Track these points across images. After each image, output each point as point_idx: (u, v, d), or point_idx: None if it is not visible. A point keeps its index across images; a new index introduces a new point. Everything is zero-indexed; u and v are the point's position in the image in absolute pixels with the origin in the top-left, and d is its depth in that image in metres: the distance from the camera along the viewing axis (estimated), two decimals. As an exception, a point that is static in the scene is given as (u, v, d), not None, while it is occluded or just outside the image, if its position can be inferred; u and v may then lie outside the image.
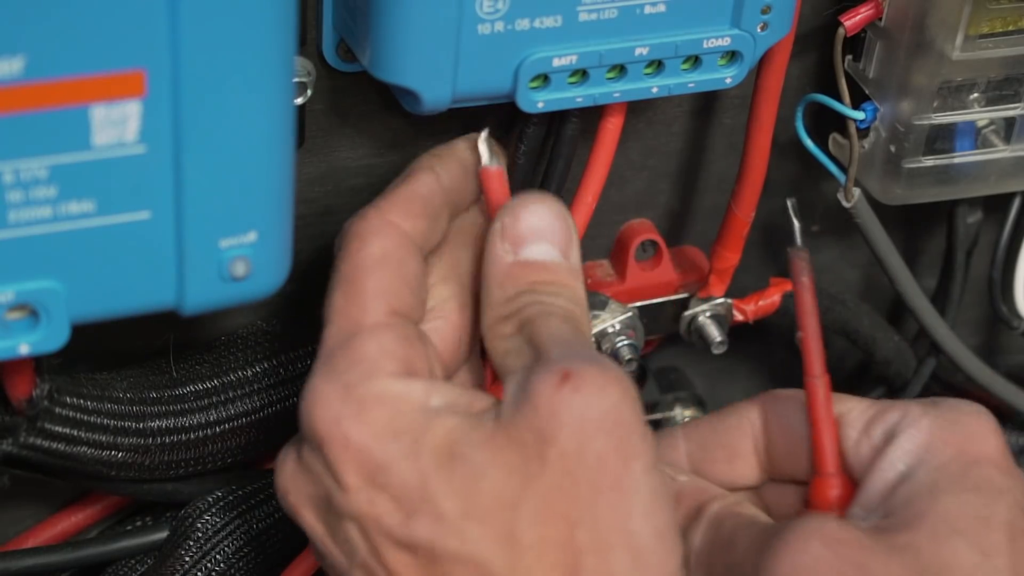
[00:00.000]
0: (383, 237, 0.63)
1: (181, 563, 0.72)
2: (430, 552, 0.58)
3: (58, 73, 0.53)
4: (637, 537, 0.58)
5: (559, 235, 0.63)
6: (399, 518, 0.58)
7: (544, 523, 0.58)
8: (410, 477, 0.58)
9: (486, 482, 0.58)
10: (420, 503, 0.58)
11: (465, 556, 0.58)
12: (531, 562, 0.57)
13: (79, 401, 0.68)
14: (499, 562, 0.57)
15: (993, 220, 0.84)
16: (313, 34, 0.67)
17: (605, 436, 0.58)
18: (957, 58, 0.73)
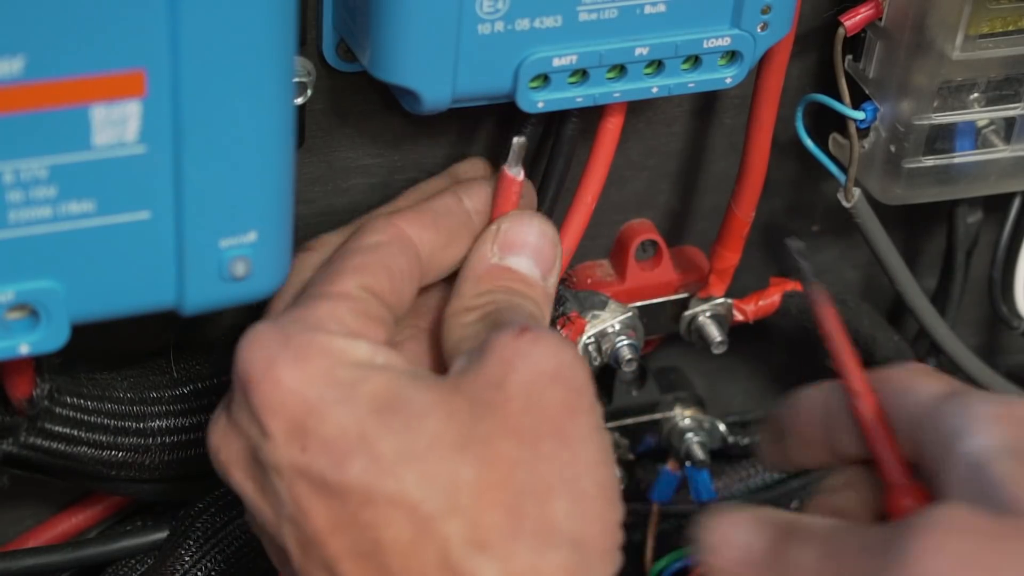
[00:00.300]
0: (381, 233, 0.63)
1: (181, 563, 0.72)
2: (364, 496, 0.57)
3: (58, 73, 0.53)
4: (579, 485, 0.58)
5: (545, 257, 0.66)
6: (329, 463, 0.57)
7: (485, 465, 0.57)
8: (345, 421, 0.57)
9: (427, 424, 0.57)
10: (354, 446, 0.57)
11: (399, 498, 0.57)
12: (468, 503, 0.57)
13: (79, 401, 0.68)
14: (434, 503, 0.57)
15: (993, 220, 0.84)
16: (313, 34, 0.67)
17: (556, 387, 0.59)
18: (957, 58, 0.73)
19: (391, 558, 0.57)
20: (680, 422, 0.85)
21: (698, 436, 0.84)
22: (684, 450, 0.84)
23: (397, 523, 0.57)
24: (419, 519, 0.57)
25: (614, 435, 0.85)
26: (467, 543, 0.56)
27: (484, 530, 0.57)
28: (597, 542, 0.58)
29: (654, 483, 0.86)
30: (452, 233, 0.66)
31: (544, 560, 0.57)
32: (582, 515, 0.58)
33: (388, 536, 0.57)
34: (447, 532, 0.56)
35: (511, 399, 0.58)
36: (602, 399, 0.84)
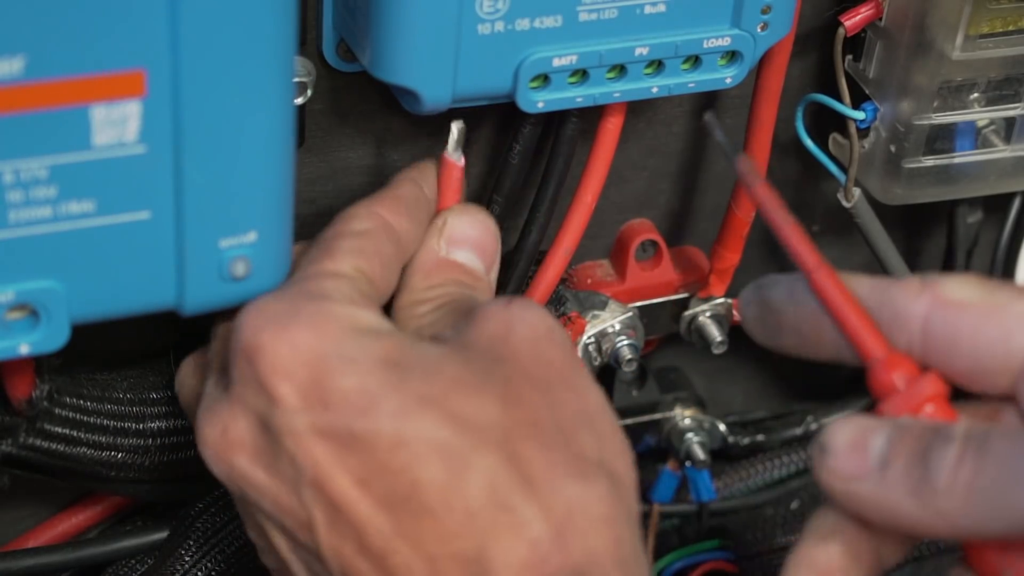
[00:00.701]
0: (367, 221, 0.63)
1: (181, 563, 0.72)
2: (394, 441, 0.55)
3: (58, 73, 0.53)
4: (597, 423, 0.58)
5: (488, 252, 0.66)
6: (354, 414, 0.56)
7: (509, 403, 0.57)
8: (364, 375, 0.56)
9: (445, 371, 0.57)
10: (377, 395, 0.56)
11: (431, 437, 0.56)
12: (500, 438, 0.56)
13: (79, 402, 0.68)
14: (465, 440, 0.56)
15: (993, 220, 0.84)
16: (313, 34, 0.67)
17: (554, 345, 0.59)
18: (957, 58, 0.73)
19: (431, 498, 0.55)
20: (680, 422, 0.85)
21: (698, 436, 0.84)
22: (684, 450, 0.84)
23: (430, 464, 0.55)
24: (452, 457, 0.55)
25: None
26: (511, 478, 0.55)
27: (524, 464, 0.56)
28: (627, 474, 0.58)
29: (654, 483, 0.86)
30: (420, 221, 0.66)
31: (588, 490, 0.56)
32: (608, 449, 0.58)
33: (423, 478, 0.55)
34: (486, 467, 0.55)
35: (518, 352, 0.58)
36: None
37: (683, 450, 0.84)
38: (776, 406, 0.92)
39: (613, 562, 0.55)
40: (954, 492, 0.52)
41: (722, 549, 0.87)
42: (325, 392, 0.56)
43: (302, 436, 0.56)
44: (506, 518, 0.55)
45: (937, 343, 0.55)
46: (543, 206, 0.71)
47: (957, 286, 0.55)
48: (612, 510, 0.56)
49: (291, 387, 0.56)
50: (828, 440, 0.55)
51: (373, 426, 0.56)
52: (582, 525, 0.55)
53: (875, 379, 0.57)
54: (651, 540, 0.86)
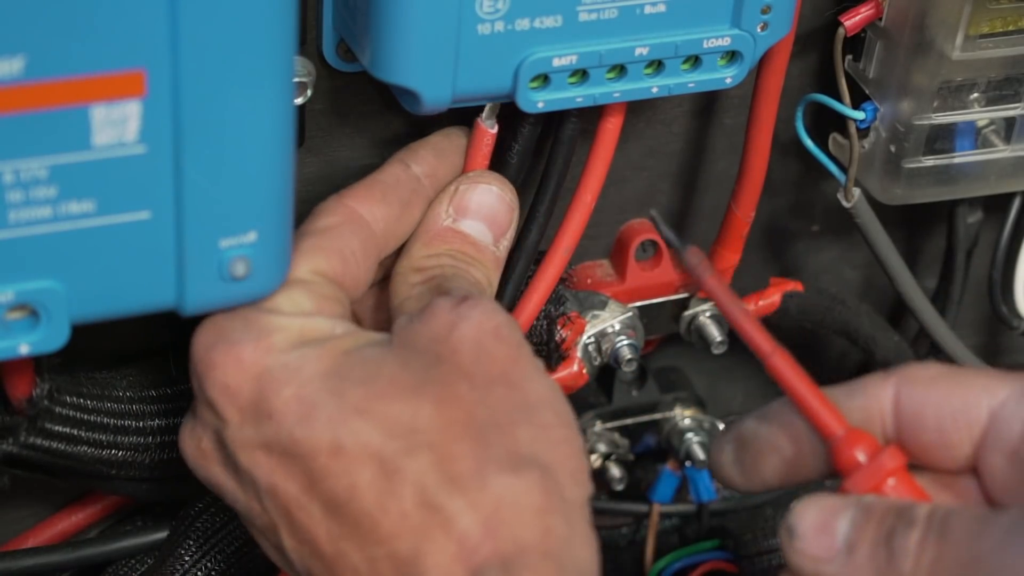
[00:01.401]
0: (332, 215, 0.64)
1: (181, 563, 0.72)
2: (330, 450, 0.57)
3: (58, 73, 0.53)
4: (537, 415, 0.59)
5: (500, 222, 0.67)
6: (290, 427, 0.58)
7: (444, 403, 0.58)
8: (301, 388, 0.58)
9: (382, 374, 0.58)
10: (312, 407, 0.58)
11: (362, 444, 0.57)
12: (432, 439, 0.57)
13: (79, 400, 0.68)
14: (397, 444, 0.57)
15: (993, 220, 0.84)
16: (313, 34, 0.67)
17: (499, 343, 0.60)
18: (957, 58, 0.73)
19: (366, 503, 0.57)
20: (680, 422, 0.85)
21: (698, 436, 0.85)
22: (684, 450, 0.84)
23: (365, 469, 0.57)
24: (385, 461, 0.57)
25: (614, 435, 0.85)
26: (439, 478, 0.57)
27: (453, 463, 0.57)
28: (565, 464, 0.59)
29: (654, 483, 0.86)
30: (404, 203, 0.66)
31: (517, 483, 0.57)
32: (545, 440, 0.58)
33: (360, 483, 0.57)
34: (416, 470, 0.57)
35: (458, 351, 0.59)
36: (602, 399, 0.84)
37: (683, 450, 0.84)
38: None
39: (540, 552, 0.56)
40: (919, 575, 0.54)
41: (722, 549, 0.87)
42: (268, 404, 0.59)
43: (250, 449, 0.59)
44: (436, 517, 0.56)
45: (906, 418, 0.59)
46: (543, 206, 0.71)
47: (922, 367, 0.59)
48: (543, 501, 0.57)
49: (235, 405, 0.59)
50: (795, 522, 0.57)
51: (311, 433, 0.58)
52: (509, 517, 0.56)
53: (837, 455, 0.59)
54: (651, 540, 0.86)
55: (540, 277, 0.72)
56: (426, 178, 0.68)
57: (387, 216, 0.66)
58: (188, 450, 0.62)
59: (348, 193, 0.66)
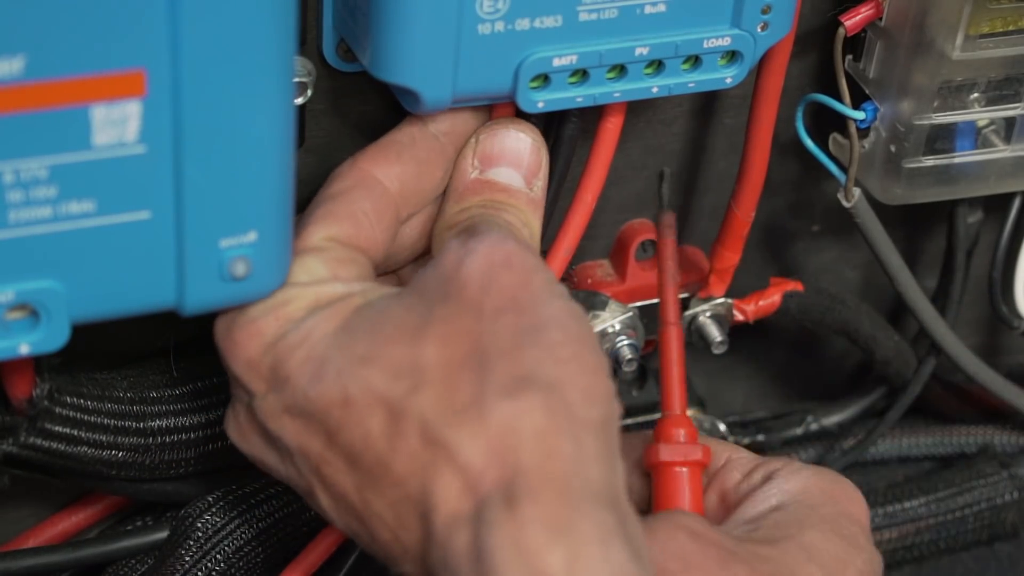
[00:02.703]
0: (346, 179, 0.65)
1: (181, 563, 0.72)
2: (341, 403, 0.58)
3: (58, 73, 0.53)
4: (545, 335, 0.58)
5: (528, 163, 0.67)
6: (303, 387, 0.59)
7: (448, 340, 0.58)
8: (311, 350, 0.59)
9: (387, 323, 0.59)
10: (321, 365, 0.59)
11: (369, 392, 0.58)
12: (435, 376, 0.57)
13: (79, 401, 0.68)
14: (400, 386, 0.57)
15: (993, 220, 0.84)
16: (313, 34, 0.67)
17: (510, 271, 0.59)
18: (957, 58, 0.73)
19: (377, 450, 0.58)
20: (680, 422, 0.85)
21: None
22: (684, 450, 0.84)
23: (373, 416, 0.58)
24: (391, 404, 0.58)
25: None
26: (442, 412, 0.57)
27: (454, 395, 0.57)
28: (576, 381, 0.58)
29: (654, 483, 0.86)
30: (421, 161, 0.66)
31: (518, 404, 0.56)
32: (553, 360, 0.58)
33: (371, 429, 0.58)
34: (419, 409, 0.57)
35: (466, 286, 0.59)
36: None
37: (683, 450, 0.84)
38: (776, 406, 0.92)
39: (542, 475, 0.55)
40: None
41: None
42: (284, 369, 0.60)
43: (276, 416, 0.60)
44: (440, 452, 0.57)
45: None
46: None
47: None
48: (545, 422, 0.56)
49: (260, 374, 0.61)
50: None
51: (322, 389, 0.59)
52: (510, 442, 0.56)
53: (659, 426, 0.71)
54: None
55: (540, 277, 0.72)
56: (444, 135, 0.67)
57: (402, 175, 0.66)
58: (231, 431, 0.64)
59: (361, 155, 0.66)
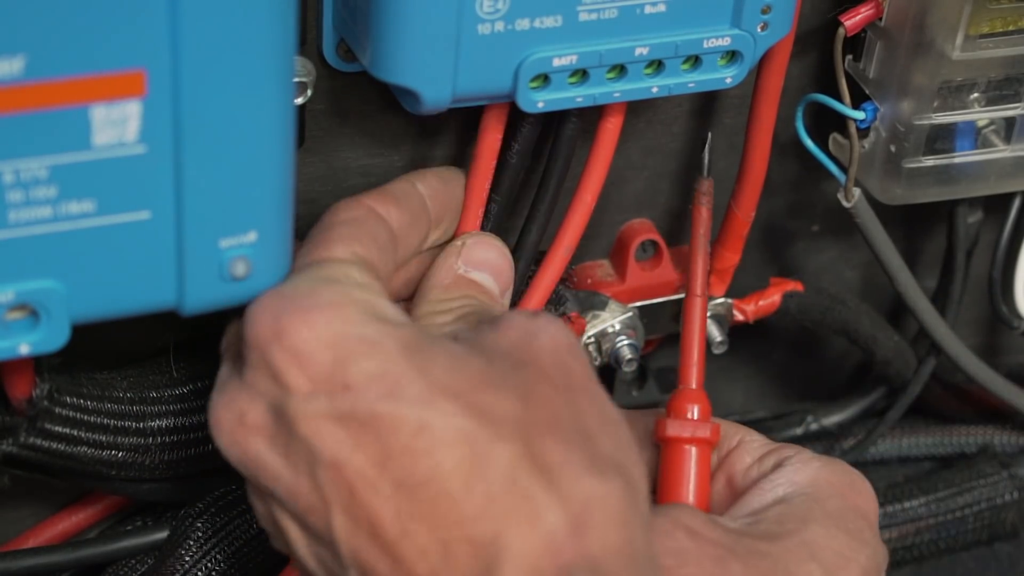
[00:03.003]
0: (355, 210, 0.64)
1: (181, 563, 0.72)
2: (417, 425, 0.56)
3: (58, 73, 0.53)
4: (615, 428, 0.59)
5: (504, 277, 0.69)
6: (377, 396, 0.56)
7: (531, 403, 0.57)
8: (387, 358, 0.57)
9: (470, 364, 0.58)
10: (402, 378, 0.57)
11: (454, 424, 0.56)
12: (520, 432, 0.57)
13: (79, 401, 0.68)
14: (488, 431, 0.56)
15: (993, 220, 0.84)
16: (313, 34, 0.67)
17: (576, 357, 0.60)
18: (957, 58, 0.73)
19: (451, 482, 0.56)
20: (680, 422, 0.85)
21: (698, 436, 0.84)
22: (684, 450, 0.84)
23: (453, 451, 0.56)
24: (476, 444, 0.56)
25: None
26: (531, 467, 0.56)
27: (544, 455, 0.56)
28: (640, 481, 0.59)
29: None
30: (413, 214, 0.67)
31: (606, 488, 0.57)
32: (624, 451, 0.59)
33: (445, 463, 0.56)
34: (507, 456, 0.56)
35: (540, 358, 0.59)
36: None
37: (683, 450, 0.84)
38: (776, 406, 0.92)
39: (625, 559, 0.56)
40: None
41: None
42: (348, 373, 0.57)
43: (317, 420, 0.57)
44: (524, 506, 0.55)
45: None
46: (543, 206, 0.71)
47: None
48: (628, 510, 0.57)
49: (308, 372, 0.57)
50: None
51: (396, 410, 0.56)
52: (599, 520, 0.56)
53: (675, 400, 0.72)
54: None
55: (541, 277, 0.72)
56: (430, 199, 0.68)
57: (400, 219, 0.66)
58: (224, 423, 0.59)
59: (363, 194, 0.65)
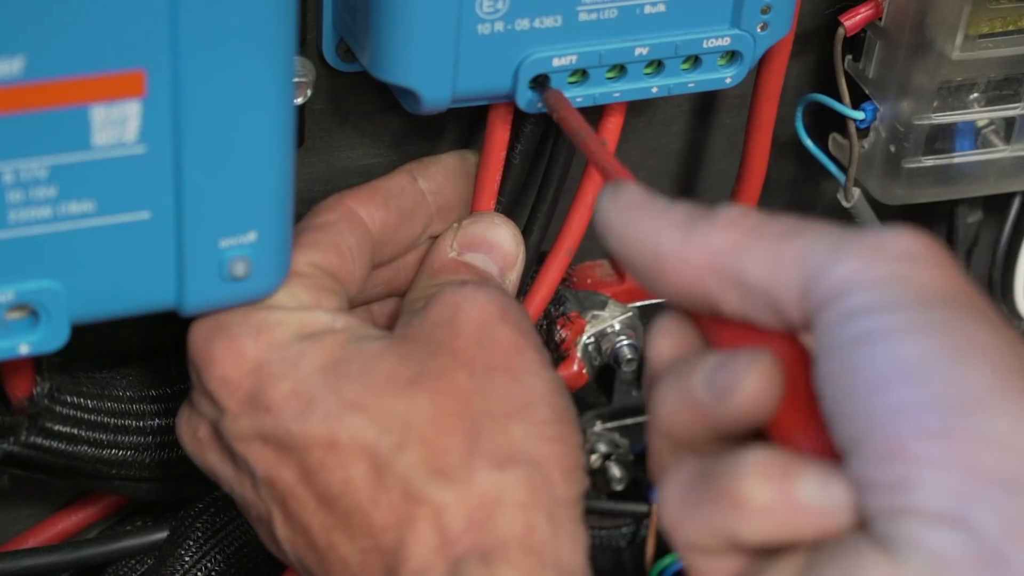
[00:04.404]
0: (331, 212, 0.65)
1: (181, 563, 0.72)
2: (327, 443, 0.58)
3: (58, 73, 0.53)
4: (534, 410, 0.59)
5: (505, 255, 0.68)
6: (289, 419, 0.59)
7: (440, 396, 0.59)
8: (300, 382, 0.59)
9: (380, 369, 0.59)
10: (311, 400, 0.59)
11: (357, 440, 0.58)
12: (425, 433, 0.58)
13: (80, 400, 0.68)
14: (389, 440, 0.58)
15: (993, 220, 0.84)
16: (313, 34, 0.67)
17: (504, 327, 0.60)
18: (957, 58, 0.73)
19: (357, 497, 0.58)
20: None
21: (698, 436, 0.84)
22: (684, 450, 0.84)
23: (358, 464, 0.58)
24: (377, 457, 0.58)
25: (614, 435, 0.85)
26: (427, 472, 0.58)
27: (443, 456, 0.58)
28: (557, 461, 0.59)
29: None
30: (404, 213, 0.67)
31: (504, 477, 0.58)
32: (539, 436, 0.59)
33: (352, 477, 0.58)
34: (406, 464, 0.58)
35: (460, 336, 0.60)
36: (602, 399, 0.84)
37: (683, 450, 0.84)
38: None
39: (521, 547, 0.57)
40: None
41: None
42: (266, 397, 0.59)
43: (247, 441, 0.60)
44: (423, 510, 0.57)
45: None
46: (544, 206, 0.71)
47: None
48: (528, 497, 0.58)
49: (236, 395, 0.60)
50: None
51: (309, 428, 0.59)
52: (494, 511, 0.57)
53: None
54: (651, 540, 0.86)
55: (542, 278, 0.72)
56: (431, 195, 0.68)
57: (385, 221, 0.66)
58: (185, 437, 0.64)
59: (349, 193, 0.66)
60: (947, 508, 0.44)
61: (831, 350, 0.47)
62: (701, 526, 0.49)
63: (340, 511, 0.59)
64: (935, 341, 0.46)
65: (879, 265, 0.47)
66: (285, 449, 0.59)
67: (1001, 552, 0.44)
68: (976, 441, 0.44)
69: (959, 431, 0.45)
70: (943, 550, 0.44)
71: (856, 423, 0.46)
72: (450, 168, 0.69)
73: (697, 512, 0.49)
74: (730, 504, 0.48)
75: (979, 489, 0.44)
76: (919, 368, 0.45)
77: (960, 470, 0.44)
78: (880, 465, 0.45)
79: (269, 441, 0.60)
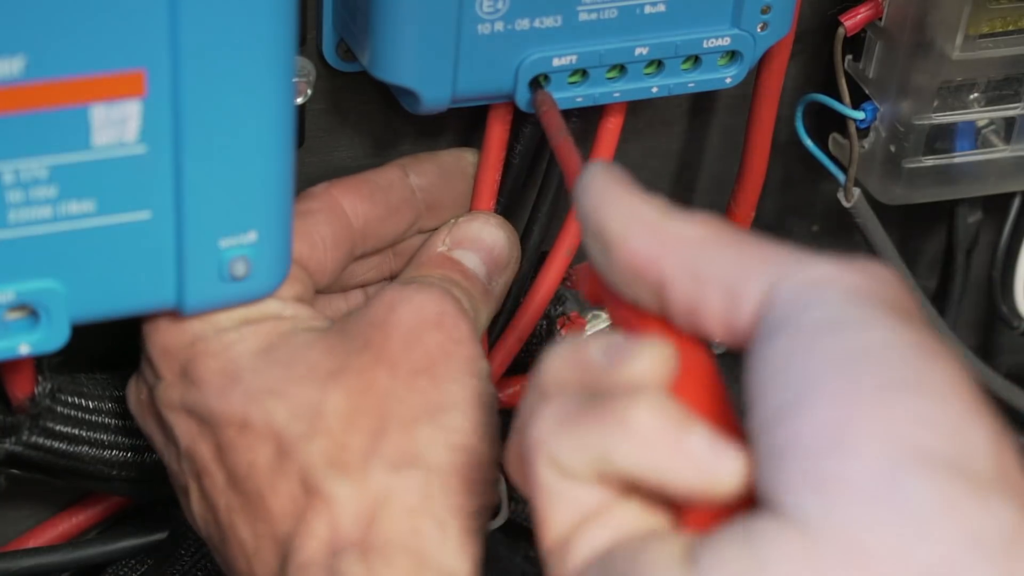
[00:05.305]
0: (314, 201, 0.66)
1: (181, 563, 0.72)
2: (240, 424, 0.59)
3: (58, 73, 0.53)
4: (446, 418, 0.59)
5: (495, 259, 0.68)
6: (210, 396, 0.60)
7: (356, 393, 0.59)
8: (229, 362, 0.60)
9: (306, 358, 0.60)
10: (234, 380, 0.60)
11: (267, 424, 0.59)
12: (333, 427, 0.59)
13: (80, 400, 0.68)
14: (297, 428, 0.59)
15: (993, 220, 0.84)
16: (313, 34, 0.67)
17: (437, 332, 0.61)
18: (957, 58, 0.73)
19: (259, 481, 0.59)
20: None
21: (698, 436, 0.84)
22: (684, 450, 0.84)
23: (264, 448, 0.59)
24: (282, 443, 0.59)
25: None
26: (327, 464, 0.58)
27: (345, 452, 0.58)
28: (461, 472, 0.59)
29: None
30: (391, 207, 0.67)
31: (397, 480, 0.58)
32: (445, 444, 0.59)
33: (257, 460, 0.59)
34: (308, 454, 0.58)
35: (390, 337, 0.60)
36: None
37: (683, 450, 0.84)
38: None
39: (403, 549, 0.57)
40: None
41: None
42: (197, 372, 0.60)
43: (175, 410, 0.61)
44: (317, 503, 0.58)
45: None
46: (544, 206, 0.71)
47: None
48: (419, 503, 0.58)
49: (171, 365, 0.61)
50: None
51: (225, 406, 0.60)
52: (380, 512, 0.58)
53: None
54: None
55: (542, 278, 0.72)
56: (421, 191, 0.68)
57: (368, 214, 0.67)
58: (131, 398, 0.65)
59: (337, 183, 0.67)
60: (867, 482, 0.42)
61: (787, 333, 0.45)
62: (575, 441, 0.46)
63: (243, 493, 0.60)
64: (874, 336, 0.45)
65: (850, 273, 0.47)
66: (205, 424, 0.60)
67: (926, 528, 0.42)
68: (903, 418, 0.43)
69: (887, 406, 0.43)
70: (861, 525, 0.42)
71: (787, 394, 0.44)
72: (444, 165, 0.69)
73: (574, 428, 0.46)
74: (614, 422, 0.45)
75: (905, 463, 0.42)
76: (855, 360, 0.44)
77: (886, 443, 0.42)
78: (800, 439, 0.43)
79: (193, 414, 0.61)
